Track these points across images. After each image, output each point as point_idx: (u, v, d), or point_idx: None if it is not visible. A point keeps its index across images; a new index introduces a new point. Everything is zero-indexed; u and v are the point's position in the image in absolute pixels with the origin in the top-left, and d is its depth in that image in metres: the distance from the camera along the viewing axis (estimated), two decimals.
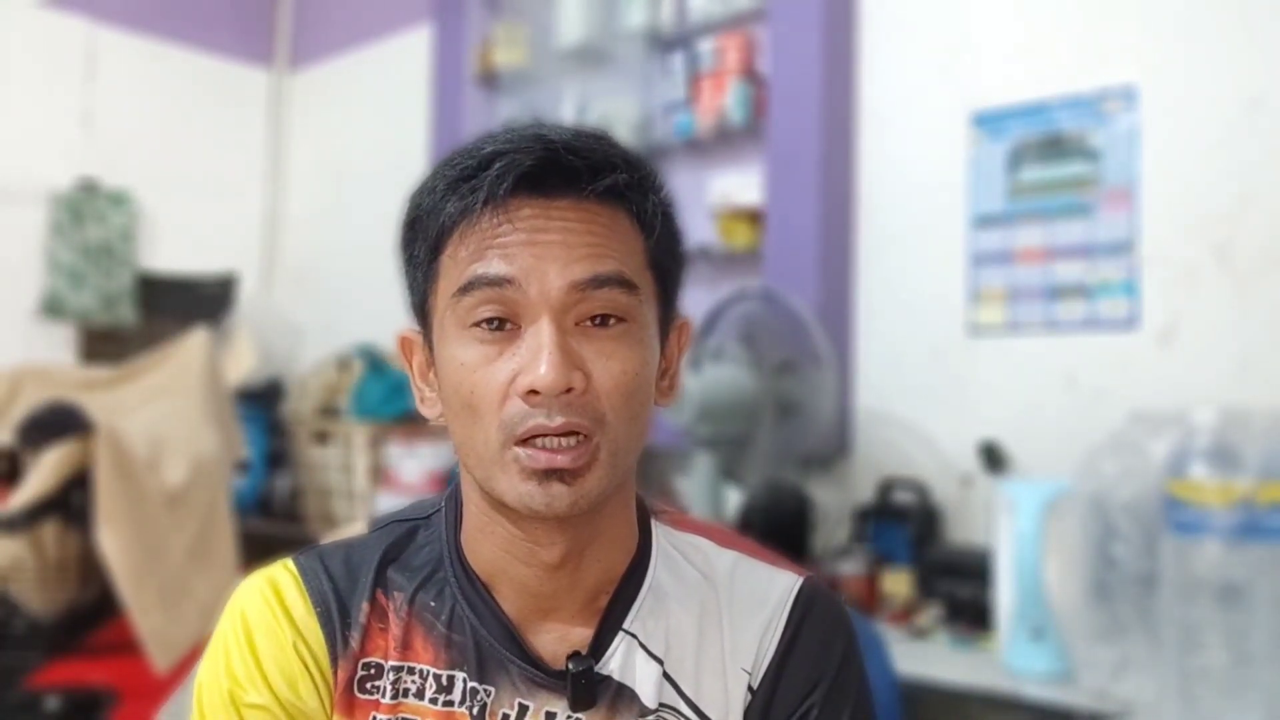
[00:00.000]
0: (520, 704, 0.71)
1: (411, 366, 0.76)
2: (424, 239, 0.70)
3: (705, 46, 2.72)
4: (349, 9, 4.03)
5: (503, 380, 0.66)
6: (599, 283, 0.67)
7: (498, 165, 0.66)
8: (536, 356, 0.65)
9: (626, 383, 0.68)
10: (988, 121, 2.31)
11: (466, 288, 0.67)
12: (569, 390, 0.65)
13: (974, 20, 2.36)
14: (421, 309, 0.73)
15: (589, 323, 0.67)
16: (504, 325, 0.67)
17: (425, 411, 0.75)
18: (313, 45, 4.14)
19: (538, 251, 0.66)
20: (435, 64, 3.40)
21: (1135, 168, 2.09)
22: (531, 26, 3.18)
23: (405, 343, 0.76)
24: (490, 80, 3.27)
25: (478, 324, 0.67)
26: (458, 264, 0.68)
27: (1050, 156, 2.21)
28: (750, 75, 2.64)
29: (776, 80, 2.53)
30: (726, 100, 2.65)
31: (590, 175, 0.68)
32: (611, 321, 0.68)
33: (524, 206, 0.67)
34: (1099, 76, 2.15)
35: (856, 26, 2.54)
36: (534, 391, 0.65)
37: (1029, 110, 2.25)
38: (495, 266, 0.66)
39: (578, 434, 0.66)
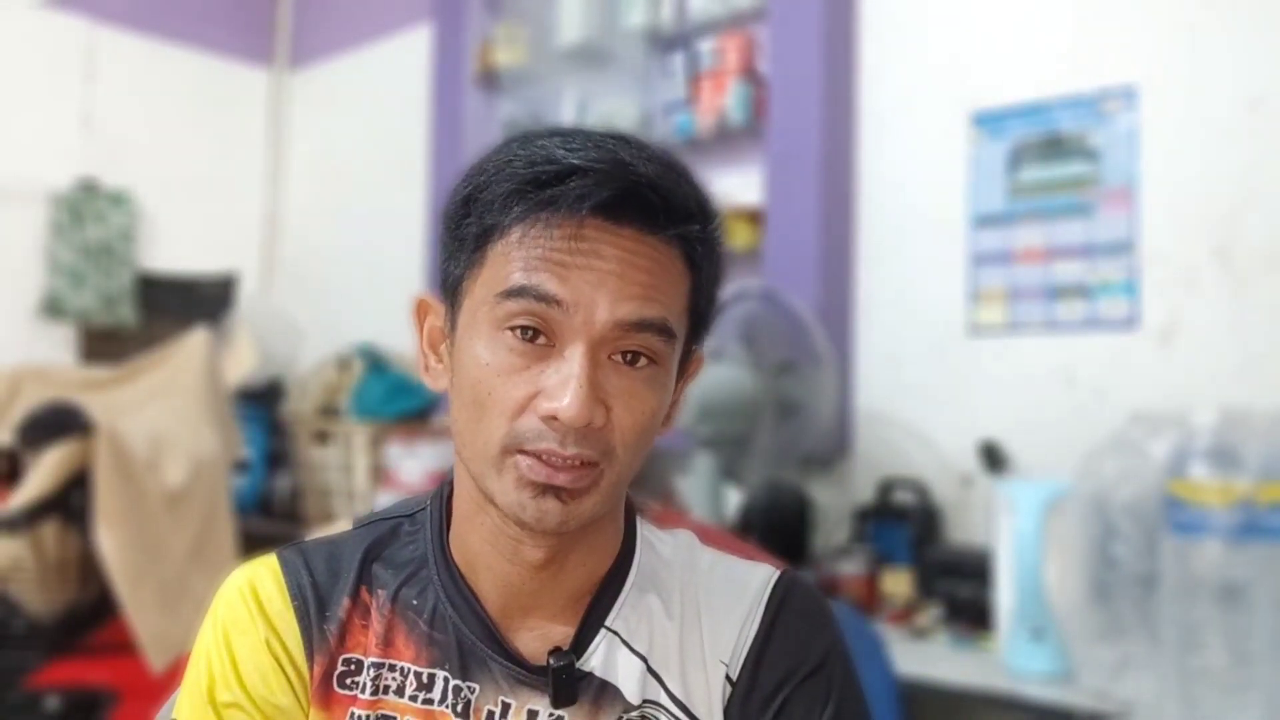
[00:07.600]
0: (503, 701, 0.71)
1: (422, 330, 0.76)
2: (477, 221, 0.69)
3: (705, 46, 2.72)
4: (349, 9, 4.03)
5: (523, 394, 0.66)
6: (642, 327, 0.67)
7: (576, 184, 0.65)
8: (565, 386, 0.65)
9: (644, 423, 0.68)
10: (988, 121, 2.31)
11: (512, 293, 0.66)
12: (588, 425, 0.65)
13: (974, 20, 2.36)
14: (454, 286, 0.71)
15: (620, 357, 0.67)
16: (538, 338, 0.66)
17: (428, 380, 0.75)
18: (313, 45, 4.14)
19: (592, 279, 0.65)
20: (435, 64, 3.40)
21: (1135, 168, 2.09)
22: (531, 26, 3.17)
23: (422, 305, 0.76)
24: (490, 80, 3.27)
25: (513, 329, 0.67)
26: (508, 262, 0.67)
27: (1050, 156, 2.21)
28: (750, 75, 2.64)
29: (776, 80, 2.53)
30: (726, 100, 2.64)
31: (666, 217, 0.67)
32: (642, 361, 0.68)
33: (589, 226, 0.66)
34: (1099, 76, 2.15)
35: (856, 26, 2.54)
36: (554, 418, 0.65)
37: (1029, 110, 2.25)
38: (547, 284, 0.65)
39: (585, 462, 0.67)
